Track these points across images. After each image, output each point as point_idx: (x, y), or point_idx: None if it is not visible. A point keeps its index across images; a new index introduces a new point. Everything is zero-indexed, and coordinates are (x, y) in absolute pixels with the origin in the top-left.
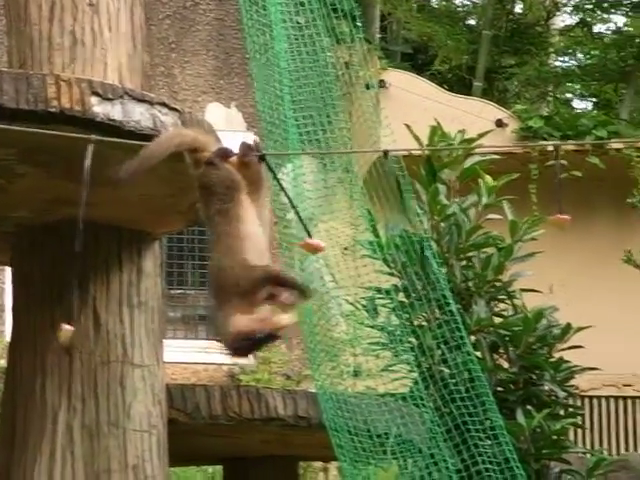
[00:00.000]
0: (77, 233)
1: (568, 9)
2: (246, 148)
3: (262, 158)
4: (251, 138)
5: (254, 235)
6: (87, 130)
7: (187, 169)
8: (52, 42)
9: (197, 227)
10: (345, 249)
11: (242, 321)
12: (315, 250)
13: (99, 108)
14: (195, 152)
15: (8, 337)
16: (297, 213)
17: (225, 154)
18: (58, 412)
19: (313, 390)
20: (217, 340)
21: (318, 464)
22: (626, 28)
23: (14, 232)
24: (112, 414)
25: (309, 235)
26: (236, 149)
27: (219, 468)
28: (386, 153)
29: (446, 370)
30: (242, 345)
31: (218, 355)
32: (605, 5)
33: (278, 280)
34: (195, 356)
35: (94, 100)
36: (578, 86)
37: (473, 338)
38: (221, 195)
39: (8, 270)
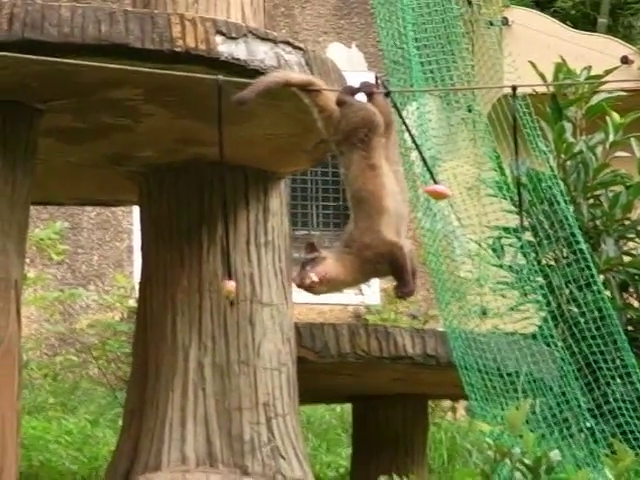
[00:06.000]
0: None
1: None
2: (370, 86)
3: (387, 95)
4: (373, 78)
5: (392, 196)
6: (212, 69)
7: (310, 108)
8: None
9: (321, 168)
10: (469, 189)
11: (331, 270)
12: (440, 196)
13: (223, 47)
14: (311, 93)
15: (137, 278)
16: (421, 154)
17: (351, 92)
18: (189, 350)
19: (441, 329)
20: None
21: (446, 403)
22: None
23: (141, 172)
24: (242, 352)
25: (433, 178)
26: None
27: (348, 406)
28: (514, 89)
29: (575, 309)
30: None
31: (344, 295)
32: None
33: (396, 270)
34: (321, 296)
35: (219, 39)
36: None
37: (602, 277)
38: (363, 135)
39: (135, 211)
